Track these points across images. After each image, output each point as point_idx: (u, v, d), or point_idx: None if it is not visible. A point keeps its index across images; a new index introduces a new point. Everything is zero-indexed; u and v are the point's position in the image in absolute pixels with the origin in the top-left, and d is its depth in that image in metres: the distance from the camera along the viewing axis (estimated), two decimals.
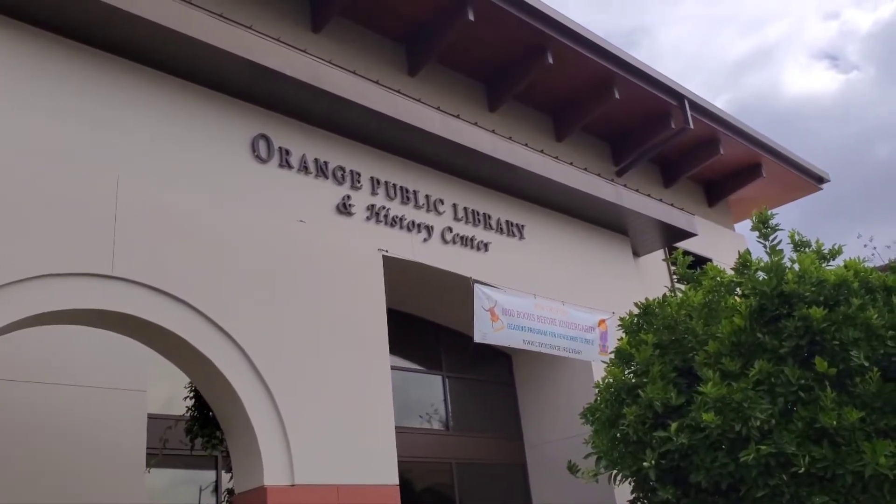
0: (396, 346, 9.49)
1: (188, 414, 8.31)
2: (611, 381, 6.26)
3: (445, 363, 14.80)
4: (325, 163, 9.76)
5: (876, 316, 5.35)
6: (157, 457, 8.56)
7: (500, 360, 15.53)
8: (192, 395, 8.29)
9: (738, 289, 6.33)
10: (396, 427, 9.57)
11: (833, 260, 6.36)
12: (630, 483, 6.05)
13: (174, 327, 7.40)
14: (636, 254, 15.01)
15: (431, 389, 14.61)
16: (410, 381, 14.19)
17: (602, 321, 11.86)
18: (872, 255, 10.13)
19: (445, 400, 14.64)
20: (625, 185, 14.52)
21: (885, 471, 4.76)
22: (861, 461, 4.86)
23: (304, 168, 9.48)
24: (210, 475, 10.59)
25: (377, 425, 8.70)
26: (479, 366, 15.25)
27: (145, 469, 8.57)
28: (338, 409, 8.32)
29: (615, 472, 5.87)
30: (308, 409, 8.01)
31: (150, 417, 9.10)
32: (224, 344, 7.65)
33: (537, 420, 15.06)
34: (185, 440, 8.26)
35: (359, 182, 10.08)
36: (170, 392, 9.55)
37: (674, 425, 5.42)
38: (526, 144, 12.81)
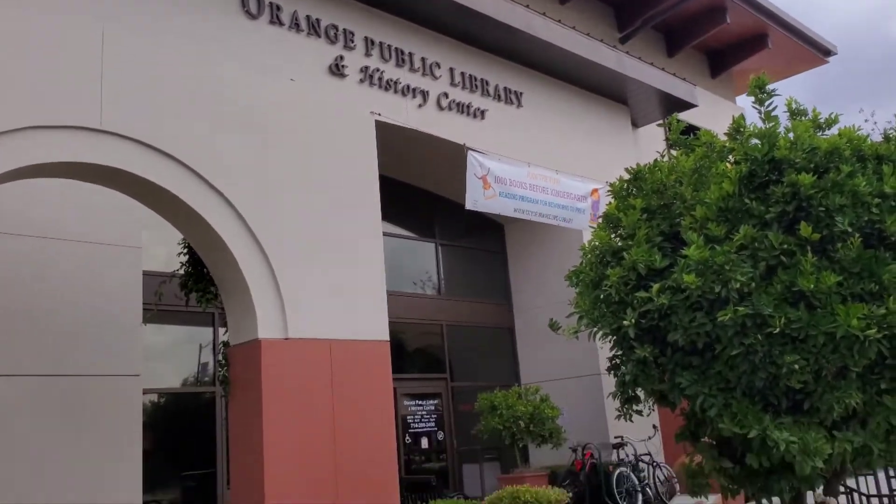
0: (391, 214, 9.55)
1: (182, 270, 8.45)
2: (597, 244, 6.33)
3: (439, 231, 14.95)
4: (318, 20, 9.45)
5: (864, 184, 5.36)
6: (153, 311, 8.78)
7: (492, 230, 15.68)
8: (185, 251, 8.40)
9: (729, 155, 6.31)
10: (391, 291, 9.79)
11: (829, 129, 6.29)
12: (609, 341, 6.24)
13: (164, 183, 7.41)
14: (635, 124, 14.85)
15: (424, 256, 14.83)
16: (404, 248, 14.38)
17: (595, 190, 11.88)
18: (872, 129, 10.00)
19: (438, 266, 14.89)
20: (627, 53, 14.17)
21: (856, 332, 4.90)
22: (834, 323, 5.00)
23: (295, 25, 9.19)
24: (209, 333, 10.91)
25: (369, 283, 8.88)
26: (471, 234, 15.41)
27: (141, 323, 8.80)
28: (330, 268, 8.47)
29: (595, 329, 6.05)
30: (300, 266, 8.15)
31: (146, 274, 9.26)
32: (215, 201, 7.69)
33: (526, 286, 15.39)
34: (180, 295, 8.45)
35: (352, 42, 9.80)
36: (166, 250, 9.66)
37: (655, 286, 5.53)
38: (527, 6, 12.38)
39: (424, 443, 13.59)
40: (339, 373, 8.19)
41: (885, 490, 7.35)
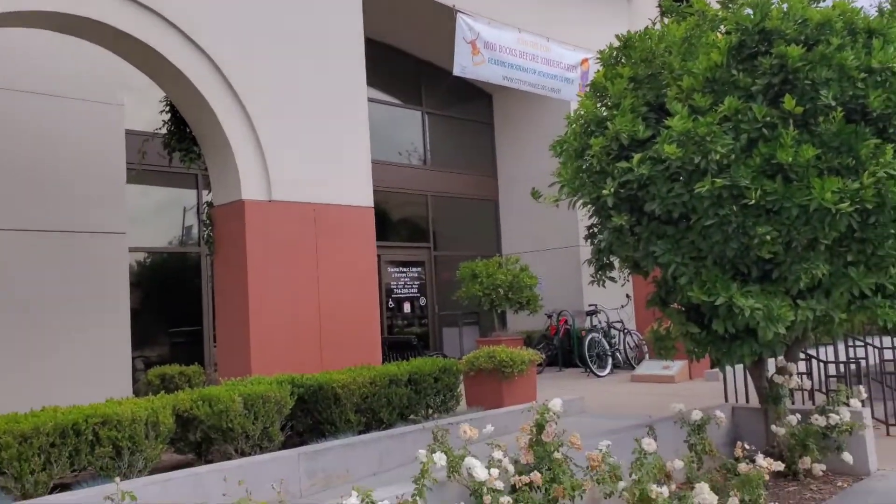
0: (377, 79, 9.40)
1: (165, 129, 8.38)
2: (582, 113, 6.31)
3: (426, 99, 14.76)
4: None
5: (852, 57, 5.32)
6: (136, 170, 8.77)
7: (480, 99, 15.50)
8: (167, 108, 8.29)
9: (721, 25, 6.20)
10: (377, 160, 9.78)
11: (824, 0, 6.17)
12: (588, 212, 6.35)
13: (147, 39, 7.23)
14: None
15: (411, 126, 14.70)
16: (390, 117, 14.23)
17: (585, 60, 11.68)
18: (869, 3, 9.73)
19: (424, 136, 14.80)
20: None
21: (829, 205, 5.01)
22: (809, 196, 5.10)
23: None
24: (193, 195, 10.93)
25: (353, 147, 8.86)
26: (459, 103, 15.24)
27: (125, 182, 8.80)
28: (313, 130, 8.41)
29: (575, 199, 6.14)
30: (284, 129, 8.09)
31: (129, 133, 9.18)
32: (198, 59, 7.54)
33: (512, 158, 15.40)
34: (163, 154, 8.41)
35: None
36: (149, 111, 9.53)
37: (636, 157, 5.57)
38: None
39: (407, 308, 14.00)
40: (323, 237, 8.31)
41: (843, 358, 7.72)
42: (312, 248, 8.22)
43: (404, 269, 14.06)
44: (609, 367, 11.97)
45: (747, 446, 5.40)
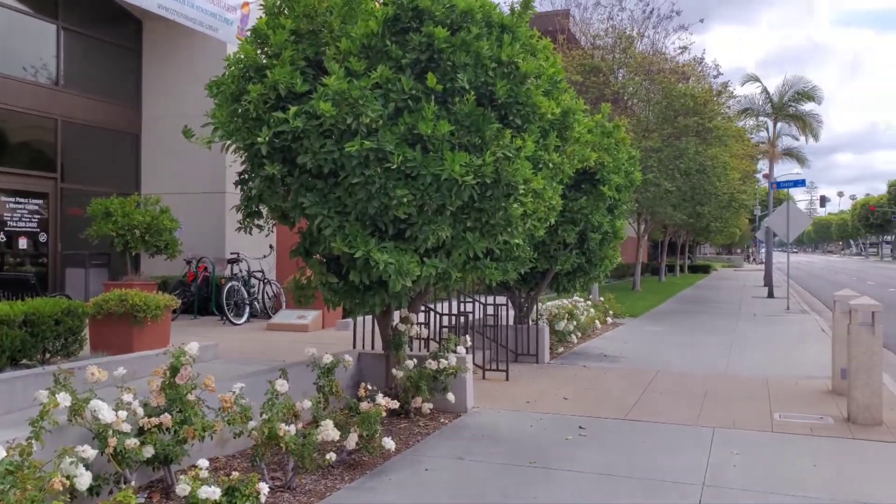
0: None
1: None
2: (242, 57, 6.24)
3: (63, 12, 13.21)
4: None
5: (486, 47, 6.04)
6: None
7: (128, 23, 14.32)
8: None
9: None
10: None
11: None
12: (241, 157, 6.34)
13: None
14: None
15: (42, 39, 13.05)
16: (17, 25, 12.49)
17: (246, 4, 11.46)
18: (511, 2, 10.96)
19: (58, 53, 13.27)
20: None
21: (457, 176, 5.67)
22: (441, 166, 5.70)
23: None
24: None
25: None
26: (103, 23, 13.92)
27: None
28: None
29: (228, 143, 6.08)
30: None
31: None
32: None
33: (160, 93, 14.54)
34: None
35: None
36: None
37: (293, 109, 5.70)
38: None
39: (23, 243, 12.54)
40: None
41: (455, 312, 8.77)
42: None
43: (22, 200, 12.53)
44: (246, 316, 12.04)
45: (370, 387, 5.93)
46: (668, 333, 14.59)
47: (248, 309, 12.11)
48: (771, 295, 26.00)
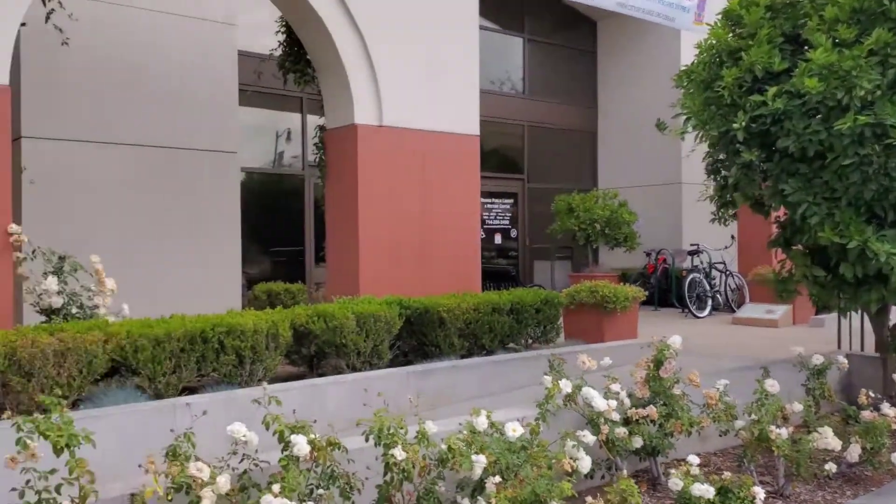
0: (480, 5, 9.14)
1: (280, 50, 8.43)
2: (713, 42, 6.02)
3: (528, 25, 14.41)
4: None
5: None
6: (248, 92, 8.93)
7: (584, 26, 15.04)
8: (283, 29, 8.33)
9: None
10: None
11: None
12: (707, 145, 6.12)
13: None
14: None
15: (510, 53, 14.42)
16: (489, 43, 13.97)
17: None
18: None
19: (524, 64, 14.51)
20: None
21: None
22: None
23: None
24: (297, 118, 11.08)
25: (464, 77, 8.76)
26: (561, 30, 14.83)
27: (237, 102, 8.98)
28: (426, 57, 8.32)
29: (701, 133, 5.92)
30: (397, 57, 8.03)
31: (241, 54, 9.32)
32: None
33: (614, 89, 14.98)
34: (277, 75, 8.50)
35: None
36: (262, 32, 9.61)
37: (772, 90, 5.31)
38: None
39: (498, 239, 14.01)
40: (430, 163, 8.32)
41: None
42: (419, 175, 8.23)
43: (496, 201, 14.01)
44: (709, 309, 11.74)
45: (872, 394, 5.25)
46: None
47: (710, 302, 11.80)
48: None
